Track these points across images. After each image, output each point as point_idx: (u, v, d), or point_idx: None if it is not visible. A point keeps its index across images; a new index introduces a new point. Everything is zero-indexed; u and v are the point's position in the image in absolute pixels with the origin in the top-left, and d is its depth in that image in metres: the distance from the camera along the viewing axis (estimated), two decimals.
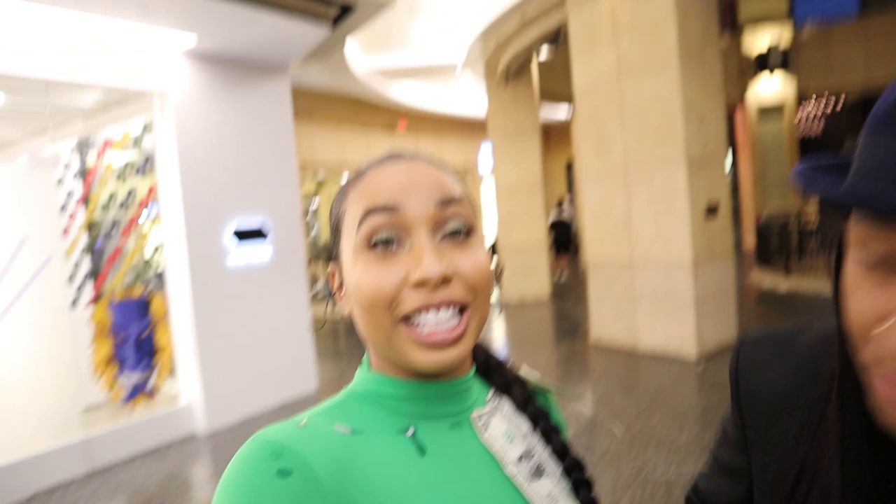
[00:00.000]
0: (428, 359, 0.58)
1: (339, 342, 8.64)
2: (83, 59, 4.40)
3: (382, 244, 0.59)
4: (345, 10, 4.82)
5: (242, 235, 5.32)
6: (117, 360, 4.91)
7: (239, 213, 5.34)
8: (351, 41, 9.32)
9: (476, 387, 0.68)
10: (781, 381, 0.62)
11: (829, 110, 20.55)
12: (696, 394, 4.95)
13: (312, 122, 13.12)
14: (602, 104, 6.43)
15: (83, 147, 5.76)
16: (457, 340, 0.58)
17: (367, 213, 0.59)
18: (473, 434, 0.64)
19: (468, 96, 15.08)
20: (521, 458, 0.64)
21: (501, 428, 0.66)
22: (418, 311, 0.57)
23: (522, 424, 0.69)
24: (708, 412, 4.50)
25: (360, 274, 0.59)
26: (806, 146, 18.63)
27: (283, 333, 5.65)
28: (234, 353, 5.23)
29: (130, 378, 4.91)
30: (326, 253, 0.67)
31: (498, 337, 8.14)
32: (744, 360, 0.68)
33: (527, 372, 0.76)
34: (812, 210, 13.05)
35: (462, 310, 0.59)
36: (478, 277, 0.60)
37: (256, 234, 5.43)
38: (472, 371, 0.68)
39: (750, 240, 14.11)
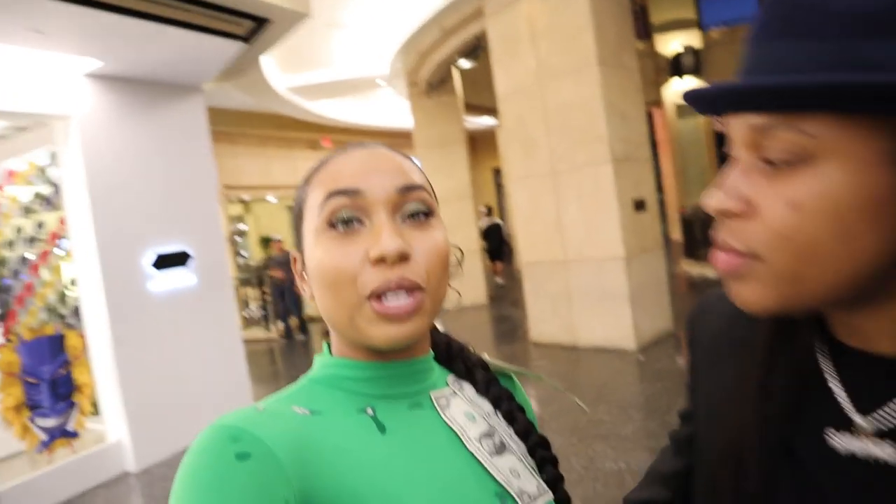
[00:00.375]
0: (385, 332, 0.59)
1: (275, 364, 8.38)
2: None
3: (343, 223, 0.60)
4: (259, 25, 4.67)
5: (163, 262, 5.06)
6: (29, 405, 4.55)
7: (158, 239, 5.09)
8: (269, 59, 9.13)
9: (436, 370, 0.70)
10: (718, 324, 0.66)
11: None
12: (638, 384, 5.01)
13: (236, 144, 12.81)
14: (525, 109, 6.50)
15: None
16: (412, 314, 0.59)
17: (329, 196, 0.60)
18: (433, 413, 0.65)
19: (393, 109, 15.05)
20: (482, 436, 0.65)
21: (462, 408, 0.67)
22: (380, 290, 0.58)
23: (484, 406, 0.70)
24: (651, 401, 4.56)
25: (321, 253, 0.60)
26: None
27: (214, 360, 5.40)
28: (162, 384, 4.95)
29: (46, 423, 4.56)
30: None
31: None
32: (695, 311, 0.72)
33: (488, 358, 0.77)
34: None
35: (418, 289, 0.60)
36: (435, 258, 0.61)
37: (179, 259, 5.18)
38: (431, 354, 0.69)
39: (676, 232, 14.59)
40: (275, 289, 9.67)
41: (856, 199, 0.42)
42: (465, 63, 9.71)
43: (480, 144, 20.07)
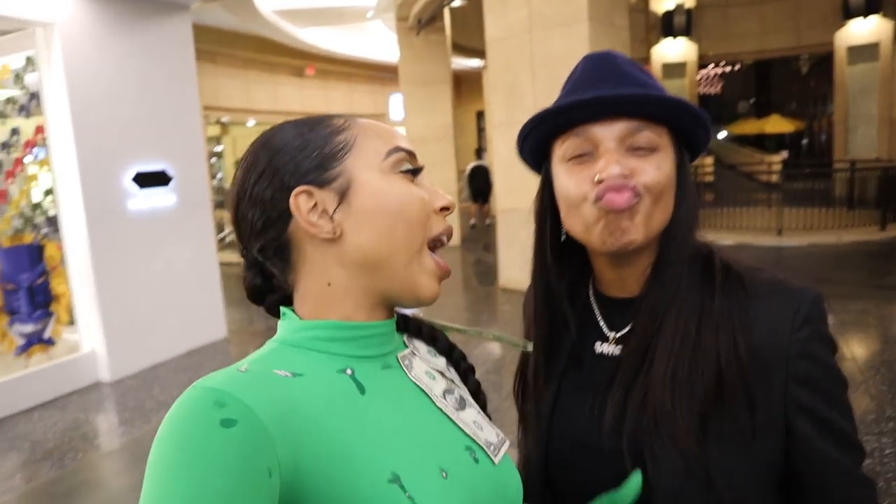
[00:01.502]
0: (436, 289, 0.67)
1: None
2: None
3: (409, 172, 0.66)
4: None
5: (144, 180, 5.09)
6: (8, 310, 4.65)
7: (139, 157, 5.10)
8: None
9: (396, 335, 0.71)
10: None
11: (726, 71, 21.53)
12: None
13: (217, 64, 12.51)
14: (513, 56, 6.51)
15: None
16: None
17: (397, 149, 0.66)
18: (402, 374, 0.67)
19: (380, 43, 14.78)
20: (445, 393, 0.69)
21: (423, 367, 0.70)
22: (443, 233, 0.67)
23: (438, 362, 0.74)
24: None
25: (400, 189, 0.64)
26: (705, 102, 19.54)
27: (189, 280, 5.51)
28: (137, 299, 5.06)
29: (24, 328, 4.67)
30: (291, 182, 0.64)
31: None
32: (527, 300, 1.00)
33: (437, 321, 0.81)
34: (709, 162, 13.86)
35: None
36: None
37: (159, 179, 5.21)
38: (395, 317, 0.71)
39: None
40: None
41: (669, 176, 0.75)
42: (457, 1, 9.57)
43: (466, 86, 19.85)
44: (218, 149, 16.14)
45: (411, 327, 0.76)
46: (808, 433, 0.71)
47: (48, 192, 5.02)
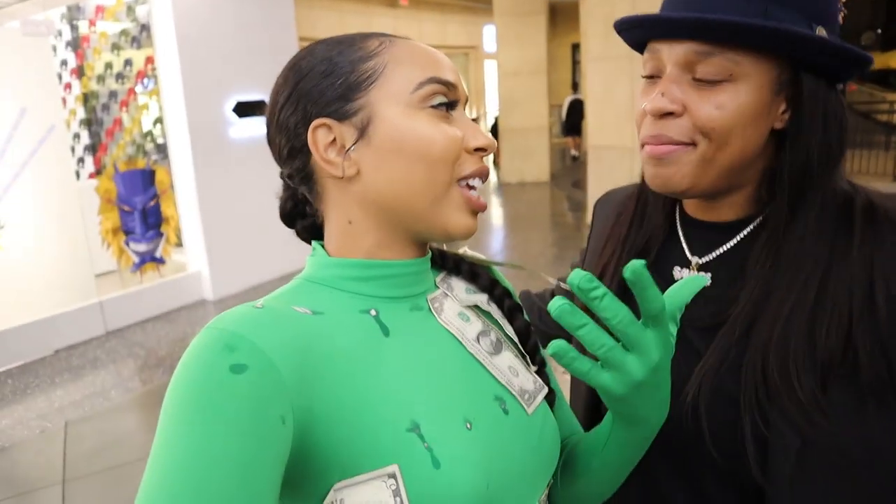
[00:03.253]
0: (469, 223, 0.61)
1: None
2: None
3: (446, 107, 0.59)
4: None
5: (243, 110, 5.30)
6: (124, 230, 5.05)
7: (238, 87, 5.30)
8: None
9: (430, 273, 0.67)
10: (612, 210, 0.89)
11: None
12: None
13: None
14: None
15: (74, 14, 5.61)
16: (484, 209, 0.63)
17: (431, 80, 0.58)
18: (433, 316, 0.63)
19: None
20: (479, 336, 0.64)
21: (455, 309, 0.65)
22: (474, 175, 0.60)
23: (477, 297, 0.69)
24: None
25: (427, 128, 0.58)
26: None
27: (266, 207, 5.76)
28: (238, 223, 5.36)
29: (138, 247, 5.08)
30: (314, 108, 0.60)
31: (497, 216, 8.29)
32: (600, 199, 0.96)
33: (469, 252, 0.76)
34: None
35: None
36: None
37: (257, 108, 5.41)
38: (430, 254, 0.67)
39: None
40: None
41: (752, 107, 0.65)
42: None
43: (561, 17, 19.05)
44: None
45: (448, 264, 0.71)
46: None
47: (157, 121, 5.33)
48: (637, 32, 0.70)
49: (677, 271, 0.76)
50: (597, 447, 0.66)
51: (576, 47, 19.12)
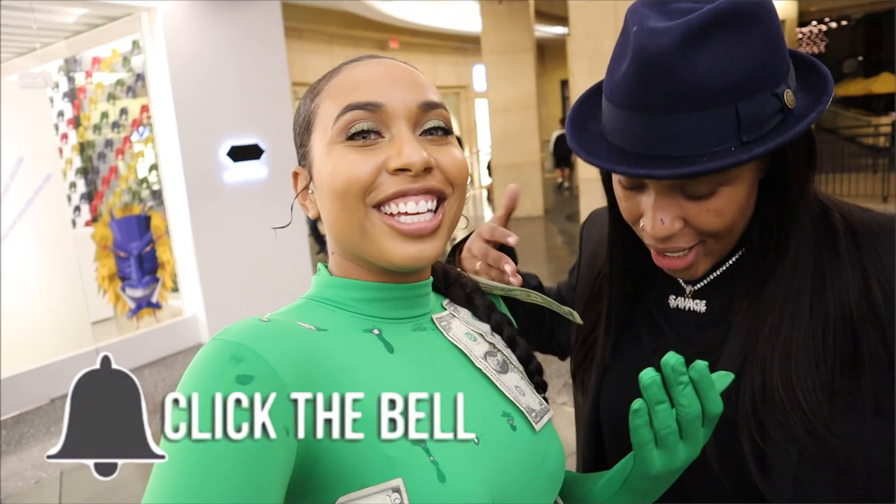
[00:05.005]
0: (405, 251, 0.57)
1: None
2: None
3: (361, 135, 0.57)
4: None
5: (237, 154, 5.36)
6: (120, 276, 5.06)
7: (233, 132, 5.36)
8: None
9: (433, 297, 0.68)
10: (598, 233, 0.90)
11: (831, 27, 20.05)
12: None
13: (303, 40, 12.83)
14: (597, 20, 6.35)
15: (71, 66, 5.71)
16: (434, 231, 0.58)
17: (347, 109, 0.57)
18: (438, 335, 0.64)
19: (462, 13, 14.69)
20: (486, 355, 0.65)
21: (462, 329, 0.66)
22: (396, 197, 0.56)
23: (482, 327, 0.69)
24: None
25: (334, 162, 0.57)
26: None
27: (281, 248, 5.78)
28: (233, 267, 5.37)
29: (134, 293, 5.08)
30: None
31: None
32: (587, 220, 1.01)
33: (481, 280, 0.78)
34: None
35: (440, 201, 0.59)
36: (456, 172, 0.60)
37: (252, 152, 5.47)
38: (431, 279, 0.67)
39: None
40: None
41: (747, 196, 0.67)
42: None
43: (549, 54, 19.45)
44: None
45: (454, 290, 0.72)
46: None
47: (153, 168, 5.39)
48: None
49: (672, 300, 0.79)
50: (604, 494, 0.67)
51: (565, 83, 19.46)
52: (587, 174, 6.89)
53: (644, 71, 0.59)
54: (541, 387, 0.71)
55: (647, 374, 0.54)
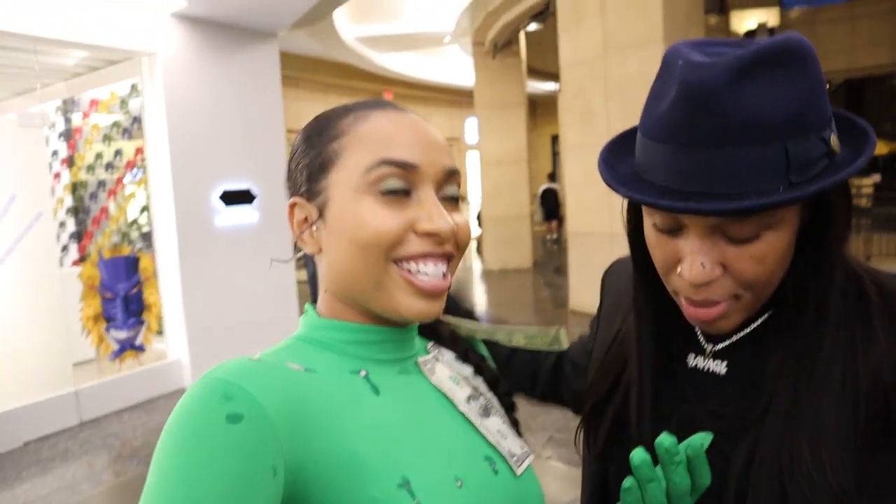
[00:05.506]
0: (418, 306, 0.59)
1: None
2: (72, 16, 4.42)
3: (393, 193, 0.58)
4: None
5: (230, 198, 5.39)
6: (105, 317, 5.01)
7: (226, 176, 5.41)
8: (339, 8, 9.29)
9: (417, 340, 0.70)
10: (621, 283, 0.87)
11: None
12: None
13: (299, 88, 13.07)
14: (587, 79, 6.53)
15: (69, 107, 5.78)
16: (445, 290, 0.61)
17: (382, 163, 0.58)
18: (422, 378, 0.65)
19: (456, 67, 15.06)
20: (469, 399, 0.66)
21: (446, 372, 0.67)
22: (419, 257, 0.59)
23: (464, 370, 0.71)
24: None
25: (364, 212, 0.58)
26: None
27: (268, 294, 5.76)
28: (220, 312, 5.34)
29: (119, 335, 5.02)
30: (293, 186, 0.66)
31: (480, 302, 8.32)
32: (608, 270, 0.96)
33: (457, 321, 0.79)
34: None
35: (450, 262, 0.63)
36: (466, 237, 0.63)
37: (243, 197, 5.51)
38: (417, 323, 0.67)
39: None
40: None
41: (789, 244, 0.62)
42: (532, 26, 9.68)
43: (541, 109, 19.89)
44: None
45: (434, 332, 0.74)
46: None
47: (144, 209, 5.40)
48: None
49: (692, 359, 0.75)
50: None
51: (555, 138, 19.84)
52: (576, 228, 6.97)
53: (691, 103, 0.57)
54: (511, 408, 0.74)
55: (638, 455, 0.55)
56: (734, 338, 0.72)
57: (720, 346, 0.72)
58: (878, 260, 8.87)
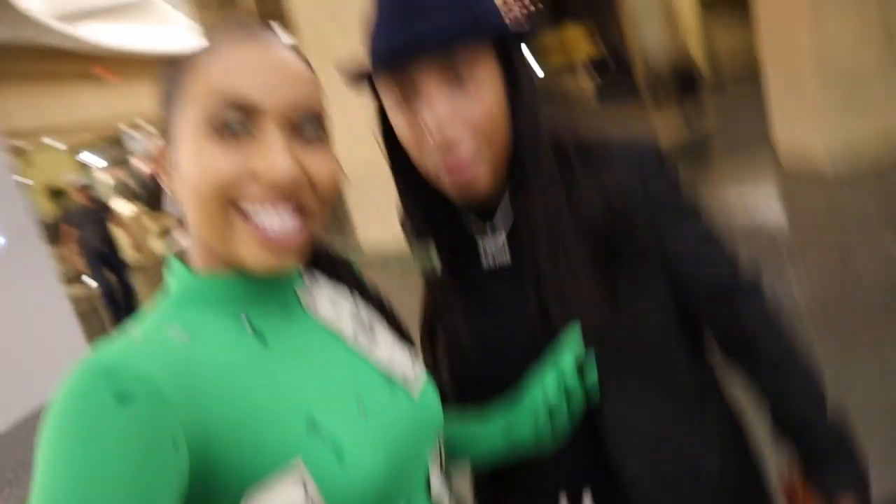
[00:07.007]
0: (266, 260, 0.55)
1: (104, 322, 7.93)
2: None
3: (229, 132, 0.53)
4: None
5: None
6: None
7: None
8: None
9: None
10: None
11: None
12: None
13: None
14: (320, 14, 6.42)
15: None
16: (297, 245, 0.56)
17: (219, 99, 0.53)
18: (304, 314, 0.63)
19: (178, 29, 13.88)
20: (355, 332, 0.65)
21: (327, 304, 0.66)
22: (259, 202, 0.54)
23: (343, 293, 0.70)
24: None
25: (195, 156, 0.53)
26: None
27: (40, 323, 5.08)
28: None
29: None
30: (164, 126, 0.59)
31: None
32: None
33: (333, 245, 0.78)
34: None
35: (306, 213, 0.57)
36: (327, 185, 0.58)
37: None
38: None
39: None
40: (89, 251, 6.68)
41: (493, 101, 0.73)
42: None
43: None
44: (25, 181, 14.51)
45: (321, 261, 0.73)
46: (684, 265, 0.81)
47: None
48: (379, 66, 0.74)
49: (483, 260, 0.85)
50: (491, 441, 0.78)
51: None
52: (351, 168, 6.98)
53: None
54: (401, 331, 0.75)
55: (550, 383, 0.71)
56: (504, 232, 0.83)
57: (501, 242, 0.83)
58: None
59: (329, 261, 0.73)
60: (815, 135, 5.87)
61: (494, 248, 0.84)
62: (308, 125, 0.57)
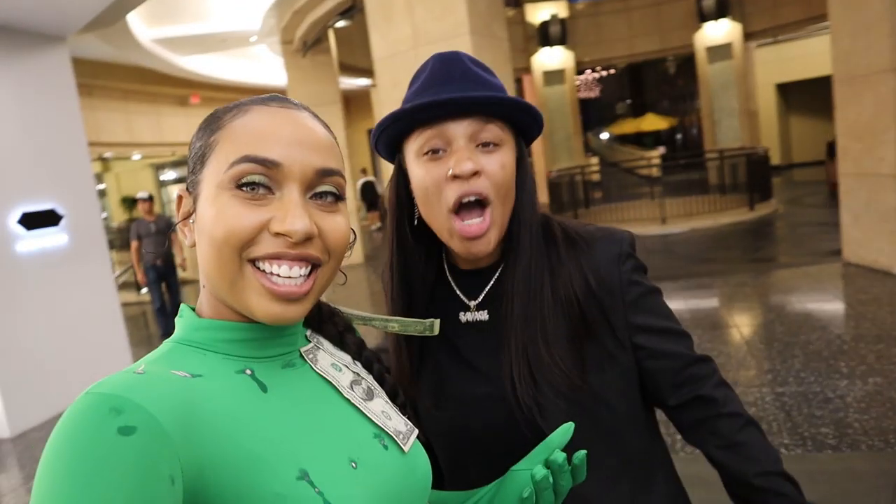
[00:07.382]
0: (272, 310, 0.58)
1: (149, 328, 8.20)
2: None
3: (251, 187, 0.58)
4: None
5: (31, 221, 4.86)
6: None
7: (25, 196, 4.86)
8: (135, 10, 8.66)
9: (300, 328, 0.70)
10: None
11: (602, 75, 22.78)
12: None
13: (94, 97, 11.97)
14: (400, 73, 6.70)
15: None
16: (304, 296, 0.59)
17: (243, 159, 0.57)
18: (306, 369, 0.65)
19: (266, 67, 14.64)
20: (352, 384, 0.68)
21: (328, 360, 0.69)
22: (272, 258, 0.58)
23: (343, 356, 0.73)
24: None
25: (219, 208, 0.57)
26: (585, 106, 20.68)
27: (90, 323, 5.29)
28: (35, 347, 4.81)
29: None
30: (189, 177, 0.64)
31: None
32: None
33: (342, 308, 0.81)
34: (594, 162, 14.65)
35: (314, 268, 0.61)
36: (337, 242, 0.62)
37: (48, 219, 4.99)
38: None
39: (544, 195, 15.49)
40: (146, 263, 7.05)
41: (511, 170, 0.85)
42: (340, 23, 9.70)
43: (355, 105, 19.95)
44: (100, 187, 15.38)
45: (323, 326, 0.75)
46: (649, 342, 0.88)
47: None
48: (417, 116, 0.83)
49: (463, 315, 0.93)
50: None
51: (370, 133, 20.00)
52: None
53: (444, 59, 0.85)
54: (405, 407, 0.77)
55: (540, 472, 0.65)
56: (486, 290, 0.91)
57: (478, 301, 0.92)
58: (671, 221, 10.10)
59: (333, 325, 0.77)
60: (887, 247, 5.73)
61: (475, 305, 0.92)
62: (325, 189, 0.62)
